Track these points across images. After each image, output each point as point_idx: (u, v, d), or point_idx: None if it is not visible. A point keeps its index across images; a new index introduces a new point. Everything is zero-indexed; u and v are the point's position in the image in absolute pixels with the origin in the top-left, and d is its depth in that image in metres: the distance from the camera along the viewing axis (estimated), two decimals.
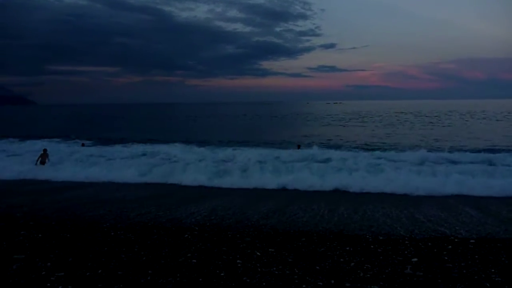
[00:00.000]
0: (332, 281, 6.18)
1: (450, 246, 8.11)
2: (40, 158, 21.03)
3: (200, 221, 10.66)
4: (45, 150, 21.77)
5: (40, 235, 8.80)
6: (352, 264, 7.04)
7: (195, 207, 12.27)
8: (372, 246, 8.15)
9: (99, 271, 6.63)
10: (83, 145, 28.24)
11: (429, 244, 8.32)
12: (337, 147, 26.61)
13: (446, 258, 7.37)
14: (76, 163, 21.00)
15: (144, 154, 22.86)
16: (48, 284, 6.04)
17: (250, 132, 39.90)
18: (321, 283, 6.10)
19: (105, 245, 8.11)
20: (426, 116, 70.59)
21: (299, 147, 25.04)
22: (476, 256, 7.44)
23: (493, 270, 6.68)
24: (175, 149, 24.10)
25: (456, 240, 8.63)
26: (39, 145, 26.13)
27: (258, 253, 7.62)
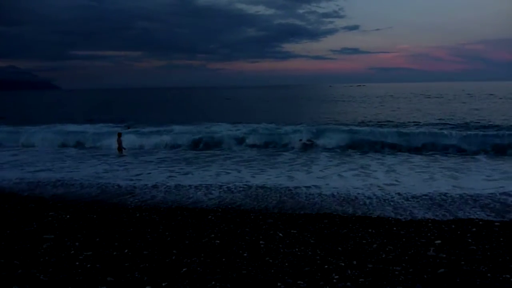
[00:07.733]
0: (354, 262, 6.21)
1: (474, 229, 8.01)
2: (116, 144, 19.32)
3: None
4: (119, 134, 19.75)
5: (68, 216, 9.07)
6: (375, 245, 7.04)
7: None
8: (395, 228, 8.13)
9: (126, 250, 6.82)
10: (128, 128, 25.96)
11: (453, 226, 8.24)
12: None
13: (470, 240, 7.30)
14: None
15: None
16: (77, 263, 6.25)
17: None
18: (343, 264, 6.14)
19: (130, 226, 8.31)
20: None
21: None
22: (501, 239, 7.35)
23: None
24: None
25: (480, 222, 8.52)
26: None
27: (280, 234, 7.69)
